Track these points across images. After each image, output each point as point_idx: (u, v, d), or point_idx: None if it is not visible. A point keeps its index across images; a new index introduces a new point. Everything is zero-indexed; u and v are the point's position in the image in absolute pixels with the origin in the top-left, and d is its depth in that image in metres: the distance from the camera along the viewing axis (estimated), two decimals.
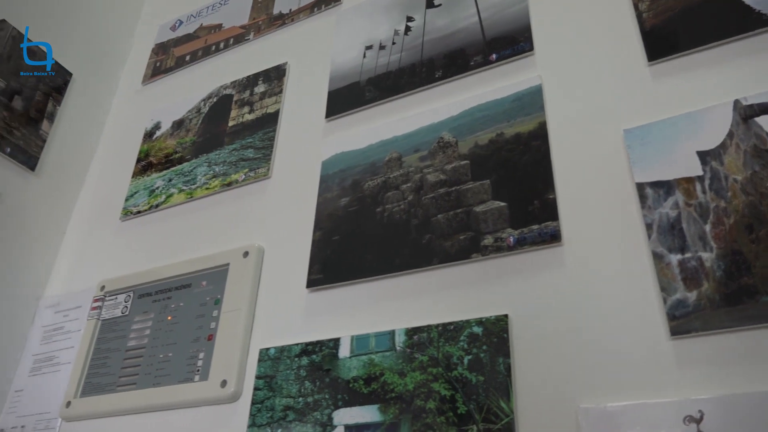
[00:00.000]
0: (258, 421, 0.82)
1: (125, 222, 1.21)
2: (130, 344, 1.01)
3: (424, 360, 0.75)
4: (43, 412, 1.04)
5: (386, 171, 0.93)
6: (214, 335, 0.93)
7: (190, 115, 1.27)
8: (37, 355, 1.13)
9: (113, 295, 1.09)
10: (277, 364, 0.85)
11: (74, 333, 1.11)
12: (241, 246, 0.99)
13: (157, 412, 0.94)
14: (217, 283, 0.98)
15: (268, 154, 1.08)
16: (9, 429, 1.06)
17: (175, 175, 1.19)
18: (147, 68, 1.46)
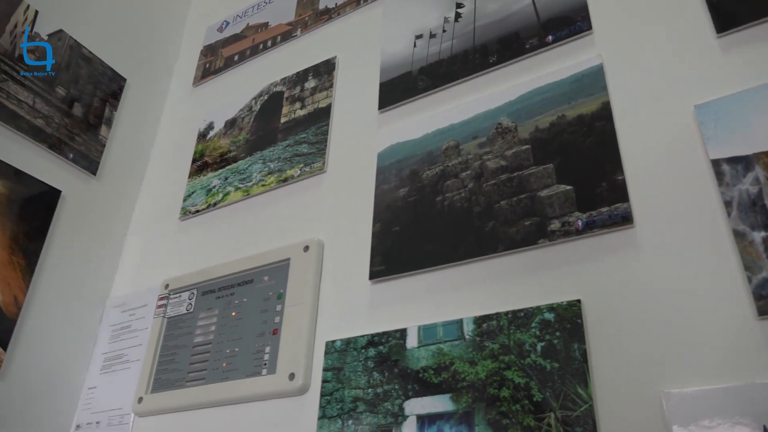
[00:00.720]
0: (328, 413, 0.83)
1: (184, 221, 1.23)
2: (196, 340, 1.03)
3: (495, 348, 0.74)
4: (116, 408, 1.07)
5: (444, 159, 0.92)
6: (279, 329, 0.94)
7: (242, 114, 1.29)
8: (106, 353, 1.17)
9: (177, 293, 1.12)
10: (344, 356, 0.86)
11: (141, 331, 1.14)
12: (301, 240, 1.00)
13: (226, 406, 0.96)
14: (278, 278, 0.99)
15: (323, 148, 1.09)
16: (85, 425, 1.10)
17: (231, 174, 1.21)
18: (197, 70, 1.49)
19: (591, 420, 0.64)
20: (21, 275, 1.10)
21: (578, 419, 0.64)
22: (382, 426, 0.77)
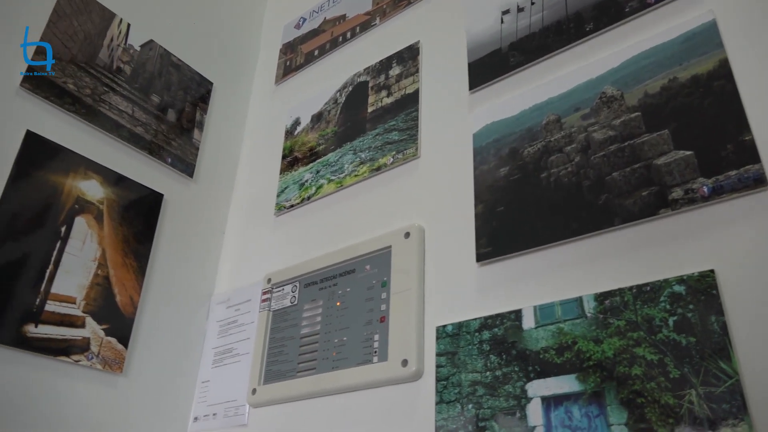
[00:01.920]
0: (446, 398, 0.82)
1: (280, 217, 1.26)
2: (303, 332, 1.05)
3: (620, 325, 0.71)
4: (231, 400, 1.11)
5: (545, 135, 0.89)
6: (387, 317, 0.94)
7: (328, 107, 1.29)
8: (216, 348, 1.21)
9: (280, 286, 1.14)
10: (457, 341, 0.85)
11: (248, 325, 1.17)
12: (401, 227, 1.00)
13: (338, 394, 0.97)
14: (381, 266, 0.99)
15: (414, 134, 1.08)
16: (202, 417, 1.14)
17: (322, 167, 1.22)
18: (278, 68, 1.51)
19: (739, 396, 0.60)
20: (134, 276, 1.15)
21: (723, 395, 0.61)
22: (504, 409, 0.76)
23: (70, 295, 1.05)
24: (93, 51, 1.22)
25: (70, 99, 1.14)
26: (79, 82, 1.17)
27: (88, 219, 1.11)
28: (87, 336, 1.05)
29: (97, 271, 1.10)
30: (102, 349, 1.06)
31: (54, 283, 1.03)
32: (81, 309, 1.06)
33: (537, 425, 0.72)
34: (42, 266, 1.03)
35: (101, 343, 1.07)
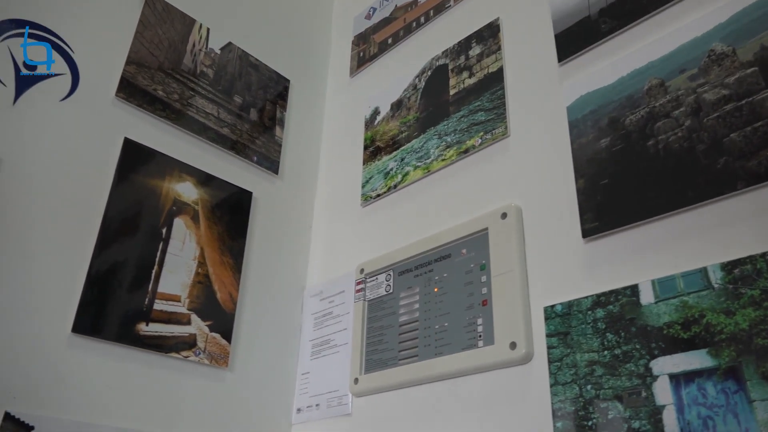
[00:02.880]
0: (561, 379, 0.79)
1: (367, 207, 1.26)
2: (401, 319, 1.05)
3: (754, 294, 0.66)
4: (333, 390, 1.12)
5: (649, 100, 0.85)
6: (489, 300, 0.92)
7: (407, 94, 1.28)
8: (313, 340, 1.22)
9: (373, 276, 1.14)
10: (567, 320, 0.82)
11: (343, 316, 1.18)
12: (496, 208, 0.97)
13: (443, 381, 0.96)
14: (478, 249, 0.97)
15: (502, 113, 1.05)
16: (305, 408, 1.16)
17: (407, 154, 1.21)
18: (351, 60, 1.51)
19: None
20: (231, 273, 1.18)
21: None
22: (627, 389, 0.72)
23: (176, 294, 1.09)
24: (178, 57, 1.25)
25: (160, 105, 1.18)
26: (167, 88, 1.21)
27: (186, 220, 1.15)
28: (193, 332, 1.08)
29: (197, 269, 1.13)
30: (208, 344, 1.10)
31: (160, 282, 1.07)
32: (186, 307, 1.09)
33: (666, 404, 0.69)
34: (148, 267, 1.06)
35: (207, 339, 1.10)
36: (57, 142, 1.03)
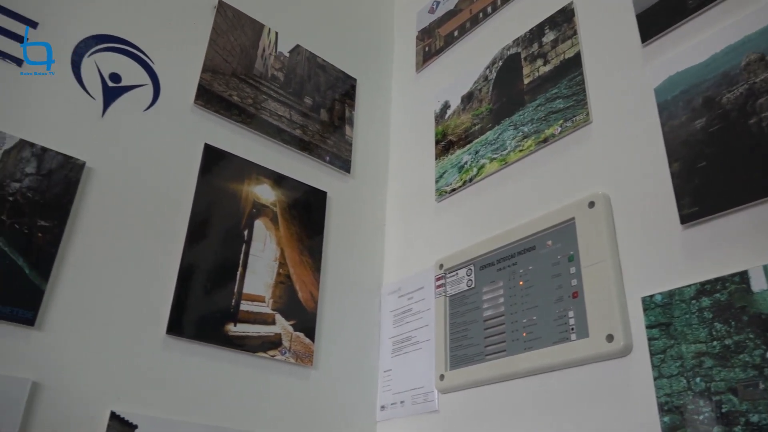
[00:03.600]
0: (666, 372, 0.76)
1: (442, 202, 1.24)
2: (486, 314, 1.03)
3: None
4: (417, 387, 1.11)
5: (748, 77, 0.80)
6: (581, 292, 0.89)
7: (478, 86, 1.26)
8: (393, 337, 1.22)
9: (454, 271, 1.13)
10: (669, 310, 0.78)
11: (424, 312, 1.17)
12: (583, 198, 0.94)
13: (533, 376, 0.94)
14: (565, 240, 0.95)
15: (582, 99, 1.02)
16: (389, 405, 1.16)
17: (481, 146, 1.19)
18: (417, 56, 1.50)
19: None
20: (311, 273, 1.19)
21: None
22: (742, 381, 0.69)
23: (260, 294, 1.10)
24: (249, 62, 1.27)
25: (236, 110, 1.20)
26: (241, 93, 1.23)
27: (265, 221, 1.17)
28: (278, 332, 1.10)
29: (279, 270, 1.15)
30: (293, 343, 1.11)
31: (245, 283, 1.09)
32: (270, 307, 1.11)
33: None
34: (233, 269, 1.09)
35: (291, 338, 1.11)
36: (143, 150, 1.07)
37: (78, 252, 0.94)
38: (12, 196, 0.90)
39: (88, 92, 1.03)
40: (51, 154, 0.95)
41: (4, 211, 0.88)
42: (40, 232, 0.90)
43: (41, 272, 0.88)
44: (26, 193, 0.91)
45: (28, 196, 0.91)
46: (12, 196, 0.90)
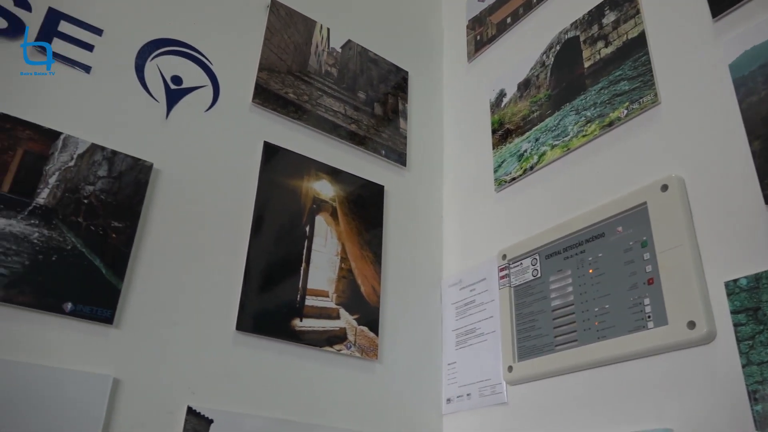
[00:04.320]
0: (755, 359, 0.73)
1: (501, 192, 1.23)
2: (554, 304, 1.01)
3: None
4: (485, 379, 1.10)
5: None
6: (657, 278, 0.86)
7: (535, 72, 1.24)
8: (456, 330, 1.21)
9: (517, 261, 1.11)
10: (756, 294, 0.75)
11: (487, 304, 1.15)
12: (654, 181, 0.91)
13: (607, 366, 0.91)
14: (636, 225, 0.92)
15: (649, 79, 0.99)
16: (455, 398, 1.15)
17: (541, 134, 1.17)
18: (468, 45, 1.48)
19: None
20: (372, 267, 1.19)
21: None
22: None
23: (323, 289, 1.11)
24: (303, 59, 1.28)
25: (293, 107, 1.21)
26: (297, 90, 1.24)
27: (326, 217, 1.17)
28: (343, 326, 1.10)
29: (341, 264, 1.15)
30: (357, 338, 1.11)
31: (308, 279, 1.10)
32: (334, 301, 1.11)
33: None
34: (297, 264, 1.10)
35: (356, 333, 1.11)
36: (205, 150, 1.08)
37: (149, 251, 0.96)
38: (87, 199, 0.92)
39: (152, 95, 1.06)
40: (120, 157, 0.98)
41: (80, 213, 0.91)
42: (114, 233, 0.93)
43: (117, 272, 0.91)
44: (99, 195, 0.94)
45: (102, 198, 0.94)
46: (87, 199, 0.92)
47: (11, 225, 0.85)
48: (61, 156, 0.92)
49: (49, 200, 0.89)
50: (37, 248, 0.86)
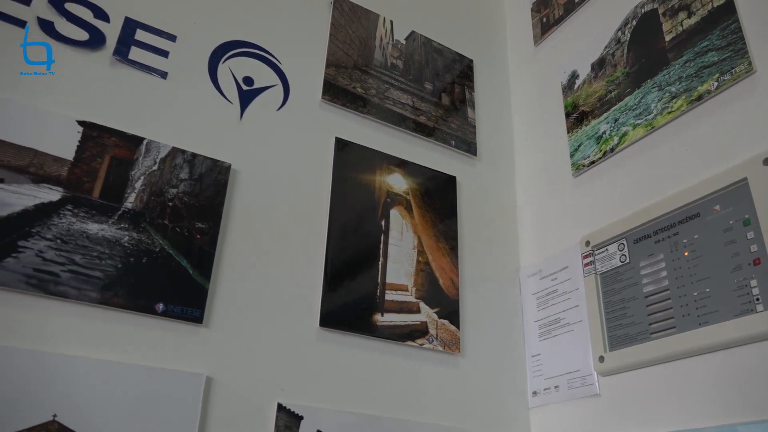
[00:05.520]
0: None
1: (579, 176, 1.18)
2: (647, 290, 0.96)
3: None
4: (573, 371, 1.06)
5: None
6: (763, 257, 0.81)
7: (610, 50, 1.19)
8: (538, 321, 1.17)
9: (602, 247, 1.07)
10: None
11: (572, 293, 1.11)
12: (755, 155, 0.86)
13: (710, 353, 0.86)
14: (737, 203, 0.86)
15: (741, 48, 0.93)
16: (542, 391, 1.12)
17: (621, 113, 1.12)
18: (534, 28, 1.44)
19: None
20: (449, 259, 1.17)
21: None
22: None
23: (402, 284, 1.10)
24: (369, 53, 1.27)
25: (361, 102, 1.20)
26: (364, 84, 1.23)
27: (400, 210, 1.16)
28: (424, 320, 1.09)
29: (418, 258, 1.14)
30: (439, 331, 1.09)
31: (387, 273, 1.09)
32: (413, 295, 1.10)
33: None
34: (375, 259, 1.09)
35: (437, 326, 1.10)
36: (279, 148, 1.09)
37: (232, 251, 0.97)
38: (171, 202, 0.94)
39: (225, 97, 1.07)
40: (200, 159, 0.99)
41: (166, 215, 0.93)
42: (199, 234, 0.94)
43: (203, 272, 0.92)
44: (183, 198, 0.95)
45: (185, 201, 0.95)
46: (171, 202, 0.94)
47: (103, 229, 0.87)
48: (145, 161, 0.94)
49: (136, 204, 0.91)
50: (128, 251, 0.88)
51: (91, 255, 0.85)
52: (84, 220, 0.86)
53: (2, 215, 0.80)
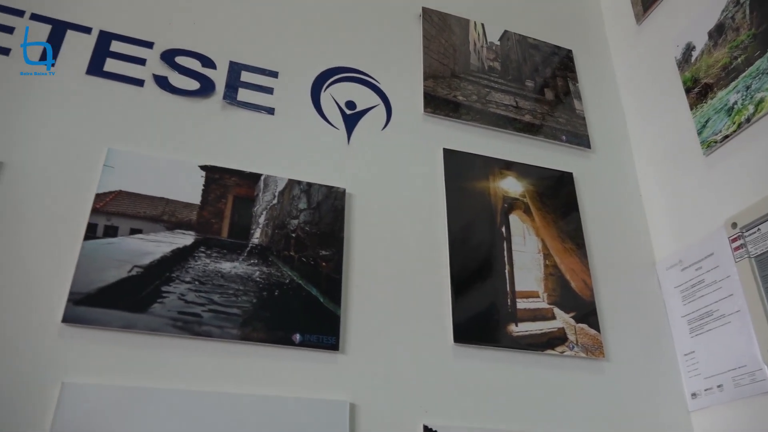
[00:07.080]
0: None
1: (712, 154, 1.08)
2: None
3: None
4: (739, 367, 0.96)
5: None
6: None
7: (728, 14, 1.09)
8: (687, 315, 1.08)
9: (753, 227, 0.97)
10: None
11: (722, 281, 1.02)
12: None
13: None
14: None
15: None
16: (702, 392, 1.02)
17: (752, 80, 1.02)
18: (634, 6, 1.36)
19: None
20: (578, 259, 1.11)
21: None
22: None
23: (533, 290, 1.05)
24: (465, 59, 1.25)
25: (464, 109, 1.18)
26: (464, 91, 1.20)
27: (519, 214, 1.11)
28: (561, 326, 1.03)
29: (545, 261, 1.08)
30: (578, 336, 1.03)
31: (515, 281, 1.04)
32: (546, 301, 1.05)
33: None
34: (501, 268, 1.05)
35: (575, 331, 1.03)
36: (389, 167, 1.08)
37: (358, 274, 0.97)
38: (294, 233, 0.95)
39: (331, 124, 1.08)
40: (315, 188, 1.00)
41: (291, 247, 0.94)
42: (324, 261, 0.94)
43: (333, 299, 0.92)
44: (304, 227, 0.96)
45: (306, 230, 0.96)
46: (294, 233, 0.95)
47: (235, 267, 0.89)
48: (264, 196, 0.97)
49: (262, 239, 0.93)
50: (260, 285, 0.89)
51: (228, 293, 0.87)
52: (217, 260, 0.89)
53: (145, 263, 0.84)
